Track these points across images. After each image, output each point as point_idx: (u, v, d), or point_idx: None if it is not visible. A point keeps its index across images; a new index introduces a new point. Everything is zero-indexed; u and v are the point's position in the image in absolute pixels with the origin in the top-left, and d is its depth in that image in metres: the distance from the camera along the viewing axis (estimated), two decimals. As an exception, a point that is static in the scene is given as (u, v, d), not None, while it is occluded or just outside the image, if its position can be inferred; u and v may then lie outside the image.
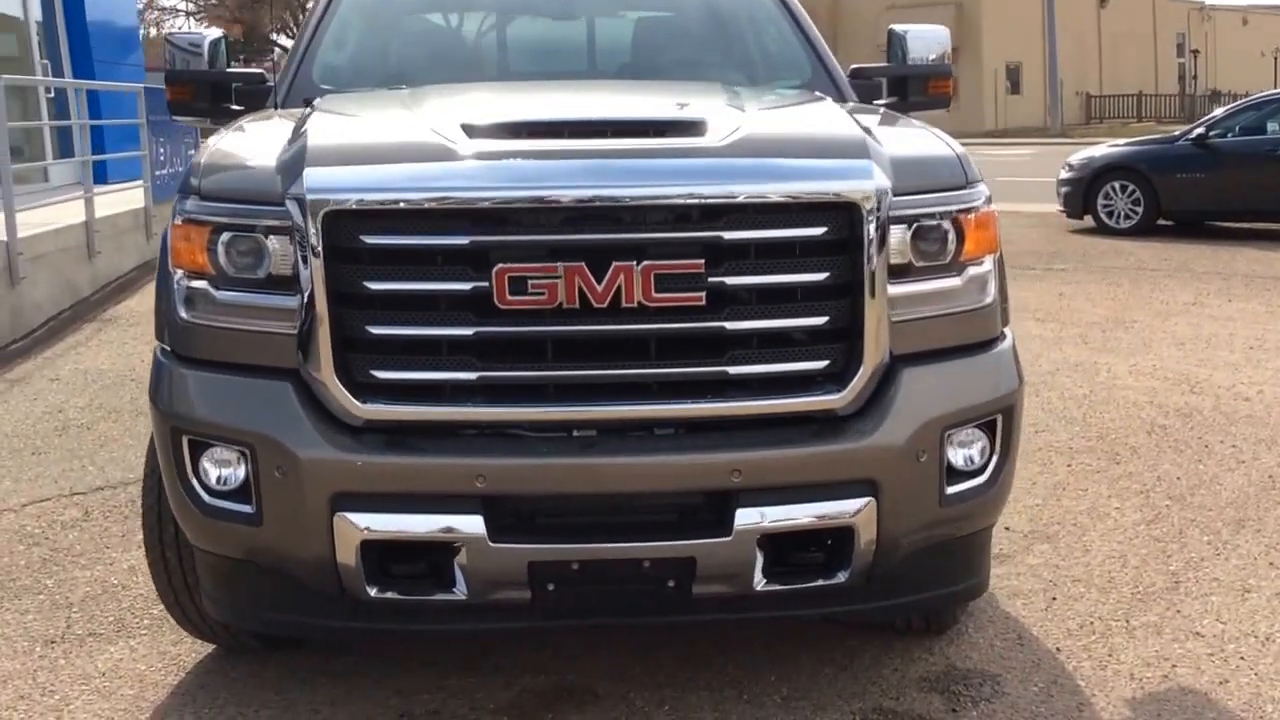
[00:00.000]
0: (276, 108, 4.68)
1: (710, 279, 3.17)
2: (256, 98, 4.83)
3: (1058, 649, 4.18)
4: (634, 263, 3.12)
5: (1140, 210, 15.45)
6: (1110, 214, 15.61)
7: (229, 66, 5.05)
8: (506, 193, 3.13)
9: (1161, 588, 4.66)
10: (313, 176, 3.17)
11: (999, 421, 3.52)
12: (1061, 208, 16.02)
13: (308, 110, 4.07)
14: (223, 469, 3.34)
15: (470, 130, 3.37)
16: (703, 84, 4.41)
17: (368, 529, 3.18)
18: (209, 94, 4.83)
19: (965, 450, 3.49)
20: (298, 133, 3.51)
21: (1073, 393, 7.62)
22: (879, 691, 3.89)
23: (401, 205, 3.13)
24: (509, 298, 3.12)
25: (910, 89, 5.01)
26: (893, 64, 5.07)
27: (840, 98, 4.73)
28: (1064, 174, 16.09)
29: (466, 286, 3.15)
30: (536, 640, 4.12)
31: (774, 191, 3.19)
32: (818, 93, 4.50)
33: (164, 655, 4.15)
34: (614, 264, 3.12)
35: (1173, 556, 4.96)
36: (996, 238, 3.57)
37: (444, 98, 4.00)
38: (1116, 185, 15.60)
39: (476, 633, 3.86)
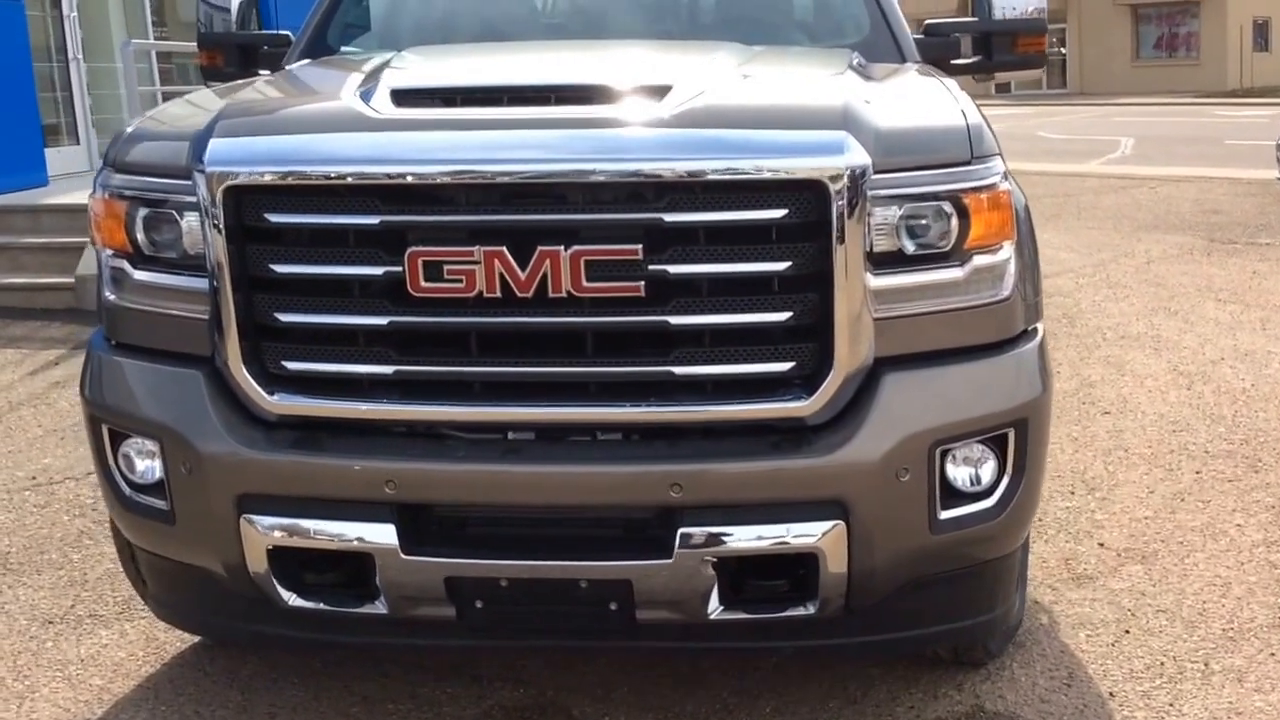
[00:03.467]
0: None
1: (650, 267, 2.79)
2: (280, 61, 4.61)
3: (1111, 694, 3.63)
4: (561, 248, 2.76)
5: (1373, 178, 14.02)
6: (1337, 182, 14.22)
7: (260, 28, 4.87)
8: (417, 167, 2.81)
9: (1261, 624, 4.01)
10: (215, 148, 2.92)
11: (1010, 436, 3.02)
12: (1279, 175, 14.67)
13: (255, 78, 3.86)
14: (144, 461, 3.15)
15: (398, 96, 3.06)
16: (716, 44, 3.91)
17: (274, 534, 2.94)
18: (237, 58, 4.66)
19: (969, 469, 3.01)
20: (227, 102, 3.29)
21: (1231, 386, 6.82)
22: (883, 733, 3.44)
23: (305, 180, 2.84)
24: (424, 285, 2.81)
25: (995, 47, 4.44)
26: (975, 19, 4.50)
27: (899, 57, 4.23)
28: (1284, 138, 14.74)
29: (379, 271, 2.85)
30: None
31: (719, 168, 2.77)
32: (857, 54, 3.97)
33: (151, 643, 4.01)
34: (539, 249, 2.77)
35: (1287, 587, 4.29)
36: (1012, 221, 3.03)
37: (412, 60, 3.68)
38: (1347, 150, 14.19)
39: (409, 649, 3.56)
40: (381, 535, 2.87)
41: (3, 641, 4.07)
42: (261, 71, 4.51)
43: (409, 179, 2.80)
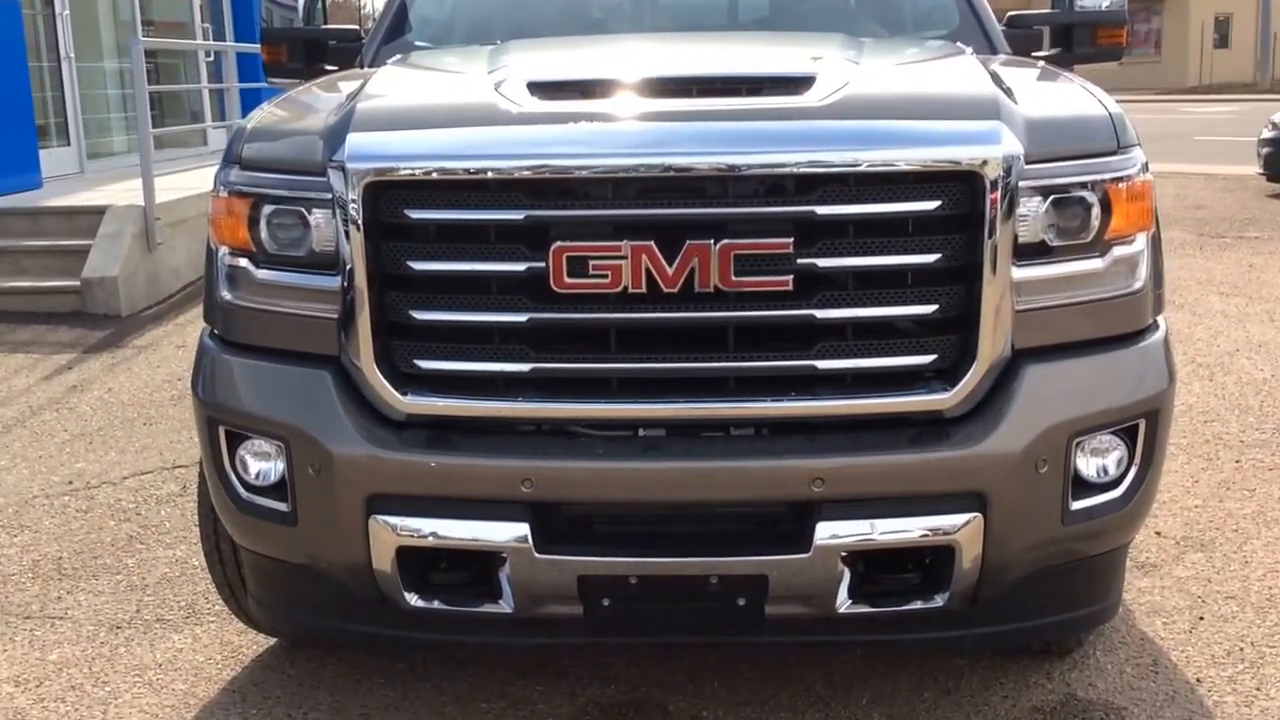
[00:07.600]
0: (363, 67, 4.40)
1: (799, 260, 2.76)
2: (351, 56, 4.57)
3: (1198, 679, 3.66)
4: (711, 242, 2.73)
5: (1351, 173, 14.20)
6: (1316, 176, 14.38)
7: (325, 23, 4.83)
8: (566, 160, 2.76)
9: (1331, 609, 4.07)
10: (355, 143, 2.85)
11: (1141, 427, 3.01)
12: (1261, 170, 14.81)
13: (372, 70, 3.80)
14: (260, 463, 3.09)
15: (536, 89, 3.02)
16: (824, 35, 3.93)
17: (404, 534, 2.90)
18: (303, 53, 4.60)
19: (1098, 460, 3.00)
20: (352, 95, 3.22)
21: (1252, 377, 6.90)
22: (983, 722, 3.46)
23: (450, 175, 2.79)
24: (567, 280, 2.76)
25: (1075, 39, 4.45)
26: (1056, 10, 4.51)
27: (989, 49, 4.23)
28: (1266, 133, 14.84)
29: (521, 267, 2.80)
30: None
31: (879, 159, 2.74)
32: (959, 44, 3.97)
33: (226, 646, 3.97)
34: (687, 243, 2.73)
35: (1348, 572, 4.35)
36: (1152, 212, 3.04)
37: (527, 53, 3.65)
38: (1325, 145, 14.35)
39: (527, 648, 3.54)
40: (515, 534, 2.84)
41: (73, 647, 4.01)
42: (329, 67, 4.46)
43: (560, 173, 2.75)
